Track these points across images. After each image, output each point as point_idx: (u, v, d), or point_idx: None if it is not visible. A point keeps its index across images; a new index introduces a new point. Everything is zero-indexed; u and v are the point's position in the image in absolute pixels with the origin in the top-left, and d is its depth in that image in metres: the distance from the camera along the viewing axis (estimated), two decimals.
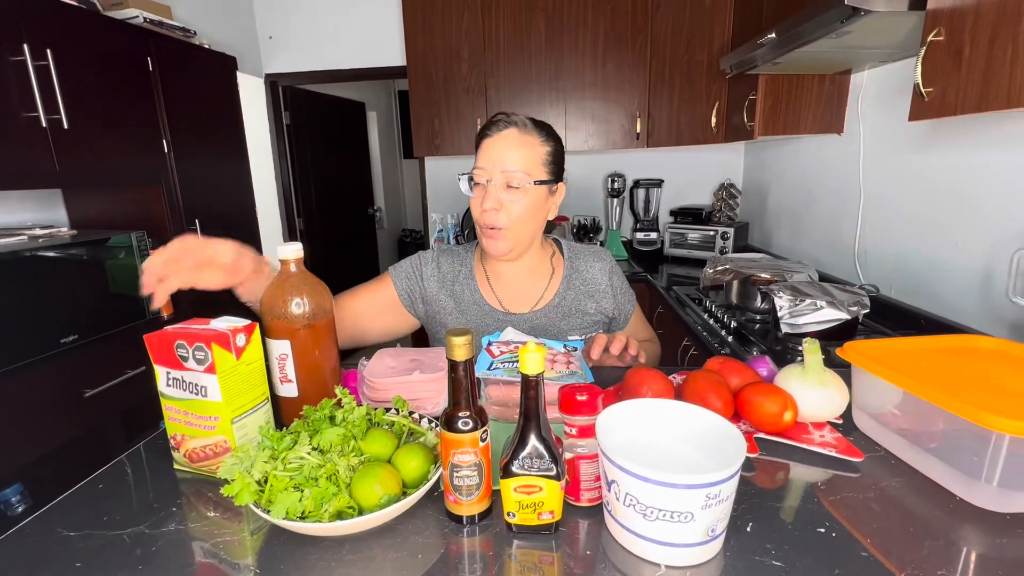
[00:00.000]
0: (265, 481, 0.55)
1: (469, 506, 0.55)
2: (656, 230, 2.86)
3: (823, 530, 0.53)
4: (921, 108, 1.04)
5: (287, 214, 3.31)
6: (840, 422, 0.74)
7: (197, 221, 2.18)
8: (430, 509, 0.58)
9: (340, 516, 0.53)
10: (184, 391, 0.64)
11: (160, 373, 0.65)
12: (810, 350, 0.72)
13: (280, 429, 0.63)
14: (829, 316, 1.28)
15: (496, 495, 0.57)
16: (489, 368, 0.78)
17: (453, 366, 0.54)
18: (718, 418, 0.56)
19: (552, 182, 1.00)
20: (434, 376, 0.77)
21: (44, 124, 1.54)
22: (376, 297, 1.08)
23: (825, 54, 1.49)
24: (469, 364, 0.54)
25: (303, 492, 0.53)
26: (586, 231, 2.91)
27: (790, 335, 1.33)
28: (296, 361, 0.70)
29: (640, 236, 2.86)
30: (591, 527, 0.56)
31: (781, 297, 1.33)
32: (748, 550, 0.51)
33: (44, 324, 1.51)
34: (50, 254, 1.53)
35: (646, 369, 0.77)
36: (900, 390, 0.63)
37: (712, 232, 2.55)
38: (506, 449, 0.54)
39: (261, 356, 0.68)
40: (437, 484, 0.60)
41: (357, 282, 1.11)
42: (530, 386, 0.52)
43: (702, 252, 2.58)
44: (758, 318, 1.57)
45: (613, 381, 0.86)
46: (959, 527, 0.53)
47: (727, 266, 1.76)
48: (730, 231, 2.50)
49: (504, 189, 0.96)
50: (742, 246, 2.62)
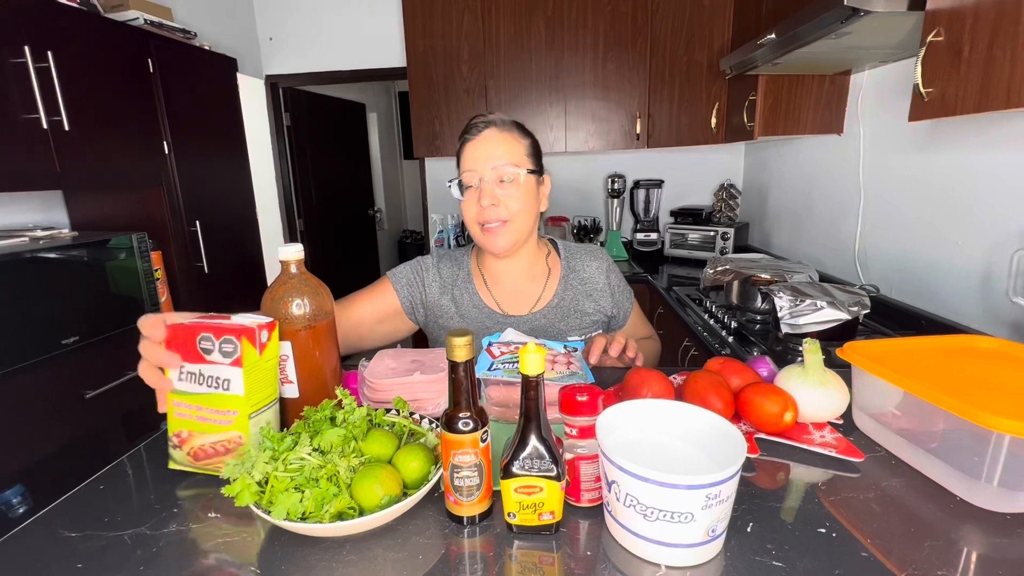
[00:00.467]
0: (266, 482, 0.55)
1: (470, 507, 0.55)
2: (656, 231, 2.86)
3: (823, 530, 0.53)
4: (921, 108, 1.04)
5: (287, 215, 3.31)
6: (840, 422, 0.74)
7: (197, 222, 2.18)
8: (431, 510, 0.58)
9: (341, 517, 0.53)
10: (201, 385, 0.64)
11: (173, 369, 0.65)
12: (810, 350, 0.72)
13: (281, 430, 0.63)
14: (829, 316, 1.28)
15: (497, 496, 0.57)
16: (490, 369, 0.78)
17: (453, 367, 0.54)
18: (718, 418, 0.56)
19: (539, 173, 1.03)
20: (435, 377, 0.77)
21: (45, 126, 1.55)
22: (376, 305, 1.07)
23: (825, 54, 1.49)
24: (469, 365, 0.54)
25: (304, 493, 0.53)
26: (586, 232, 2.91)
27: (790, 335, 1.33)
28: (297, 362, 0.70)
29: (640, 237, 2.86)
30: (591, 528, 0.56)
31: (781, 297, 1.34)
32: (748, 550, 0.51)
33: (45, 325, 1.51)
34: (51, 255, 1.53)
35: (646, 370, 0.77)
36: (900, 390, 0.63)
37: (712, 232, 2.55)
38: (506, 450, 0.55)
39: (277, 354, 0.68)
40: (438, 485, 0.60)
41: (357, 283, 1.11)
42: (530, 387, 0.52)
43: (702, 252, 2.58)
44: (758, 318, 1.57)
45: (614, 382, 0.86)
46: (959, 527, 0.53)
47: (727, 266, 1.76)
48: (730, 231, 2.50)
49: (497, 185, 0.97)
50: (742, 246, 2.62)
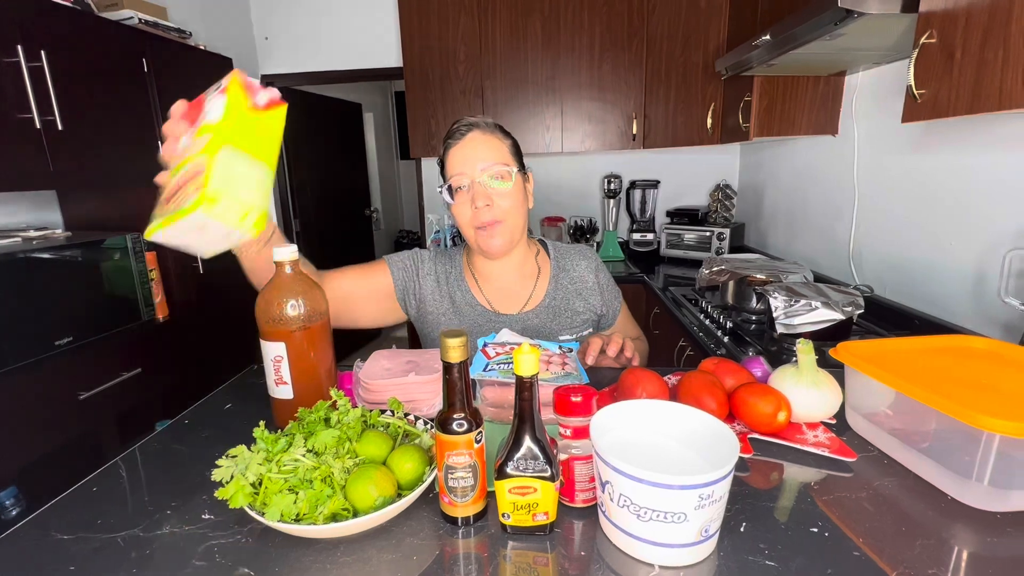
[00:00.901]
0: (260, 484, 0.55)
1: (464, 507, 0.55)
2: (652, 231, 2.86)
3: (816, 530, 0.54)
4: (914, 110, 1.05)
5: (283, 215, 3.30)
6: (833, 422, 0.75)
7: None
8: (425, 511, 0.58)
9: (335, 518, 0.53)
10: (193, 137, 0.65)
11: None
12: (803, 350, 0.73)
13: (275, 431, 0.63)
14: (824, 316, 1.28)
15: (491, 496, 0.57)
16: (484, 369, 0.78)
17: (448, 368, 0.54)
18: (712, 419, 0.57)
19: (524, 171, 1.04)
20: (429, 378, 0.77)
21: (38, 125, 1.54)
22: (368, 281, 1.06)
23: (819, 56, 1.50)
24: (464, 366, 0.54)
25: (298, 494, 0.53)
26: (583, 232, 2.92)
27: (785, 335, 1.33)
28: (291, 363, 0.70)
29: (636, 237, 2.87)
30: (585, 528, 0.56)
31: (776, 298, 1.34)
32: (741, 550, 0.51)
33: (39, 326, 1.50)
34: (45, 256, 1.52)
35: (641, 370, 0.78)
36: (893, 390, 0.64)
37: (708, 233, 2.56)
38: (501, 451, 0.55)
39: (277, 136, 0.68)
40: (432, 486, 0.60)
41: None
42: (525, 388, 0.53)
43: (698, 253, 2.59)
44: (754, 318, 1.58)
45: (609, 382, 0.86)
46: (951, 526, 0.54)
47: (723, 267, 1.77)
48: (726, 232, 2.51)
49: (488, 185, 0.97)
50: (738, 247, 2.63)
